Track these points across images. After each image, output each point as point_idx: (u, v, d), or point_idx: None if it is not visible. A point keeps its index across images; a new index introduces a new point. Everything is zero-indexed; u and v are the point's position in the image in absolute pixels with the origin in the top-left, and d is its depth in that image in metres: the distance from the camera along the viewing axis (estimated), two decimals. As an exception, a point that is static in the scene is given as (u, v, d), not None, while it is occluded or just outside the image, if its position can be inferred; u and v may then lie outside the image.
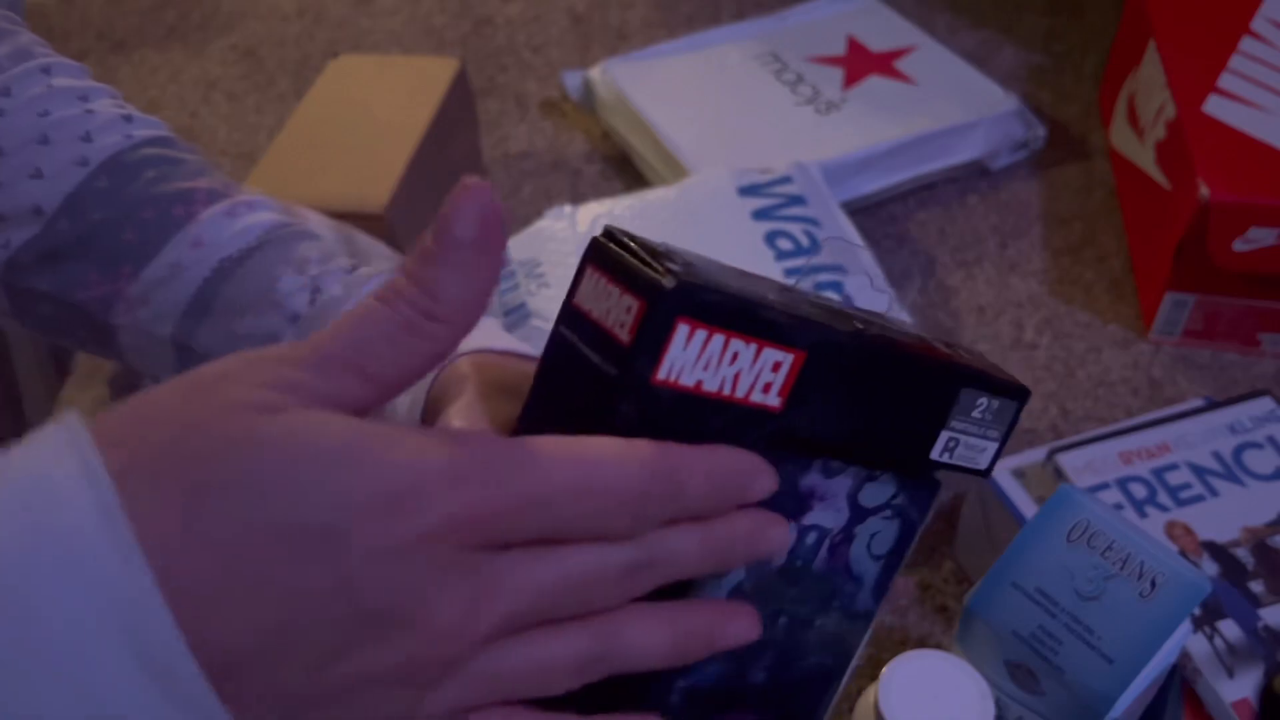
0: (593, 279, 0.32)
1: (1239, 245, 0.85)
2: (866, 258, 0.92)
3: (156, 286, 0.43)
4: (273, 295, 0.42)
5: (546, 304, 0.85)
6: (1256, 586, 0.65)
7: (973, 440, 0.38)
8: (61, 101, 0.43)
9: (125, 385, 0.54)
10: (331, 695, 0.24)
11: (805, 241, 0.90)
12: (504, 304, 0.88)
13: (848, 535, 0.36)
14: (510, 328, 0.86)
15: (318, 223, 0.53)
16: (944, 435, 0.37)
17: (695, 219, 0.91)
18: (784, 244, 0.89)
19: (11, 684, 0.22)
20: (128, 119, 0.45)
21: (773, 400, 0.32)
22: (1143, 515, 0.68)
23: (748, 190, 0.93)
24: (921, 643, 0.73)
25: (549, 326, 0.91)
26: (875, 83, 1.11)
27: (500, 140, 1.17)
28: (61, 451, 0.23)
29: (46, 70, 0.44)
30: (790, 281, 0.88)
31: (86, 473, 0.23)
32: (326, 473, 0.23)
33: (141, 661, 0.22)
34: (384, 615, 0.24)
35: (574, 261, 0.89)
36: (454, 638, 0.25)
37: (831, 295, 0.86)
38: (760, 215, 0.91)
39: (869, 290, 0.88)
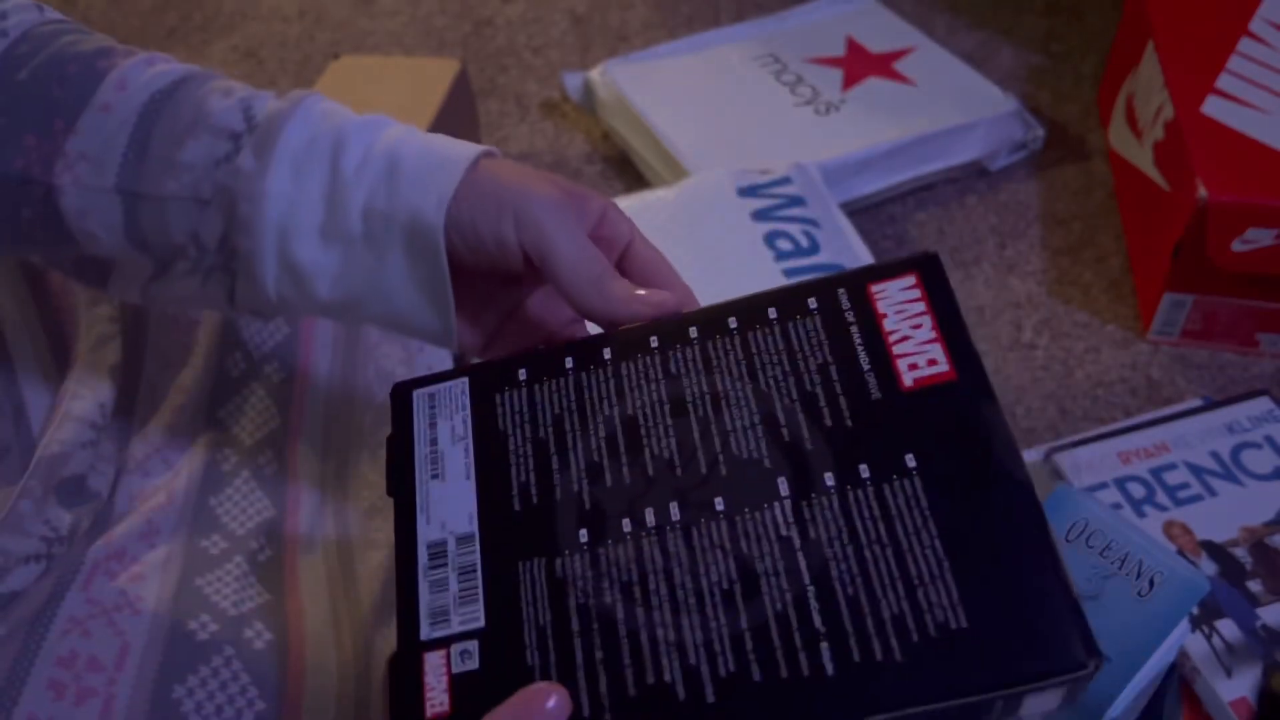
0: None
1: (1237, 245, 0.85)
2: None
3: (92, 135, 0.43)
4: (205, 119, 0.43)
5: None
6: (1255, 586, 0.65)
7: None
8: None
9: (126, 377, 0.54)
10: None
11: (805, 242, 0.90)
12: None
13: None
14: None
15: None
16: None
17: (695, 219, 0.91)
18: (783, 244, 0.89)
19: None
20: (40, 7, 0.47)
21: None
22: (1141, 515, 0.68)
23: (747, 191, 0.94)
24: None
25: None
26: (874, 84, 1.11)
27: (501, 141, 1.17)
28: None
29: None
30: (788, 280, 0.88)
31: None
32: None
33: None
34: None
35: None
36: None
37: None
38: (760, 216, 0.92)
39: None
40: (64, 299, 0.54)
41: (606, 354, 0.44)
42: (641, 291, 0.44)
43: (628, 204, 0.93)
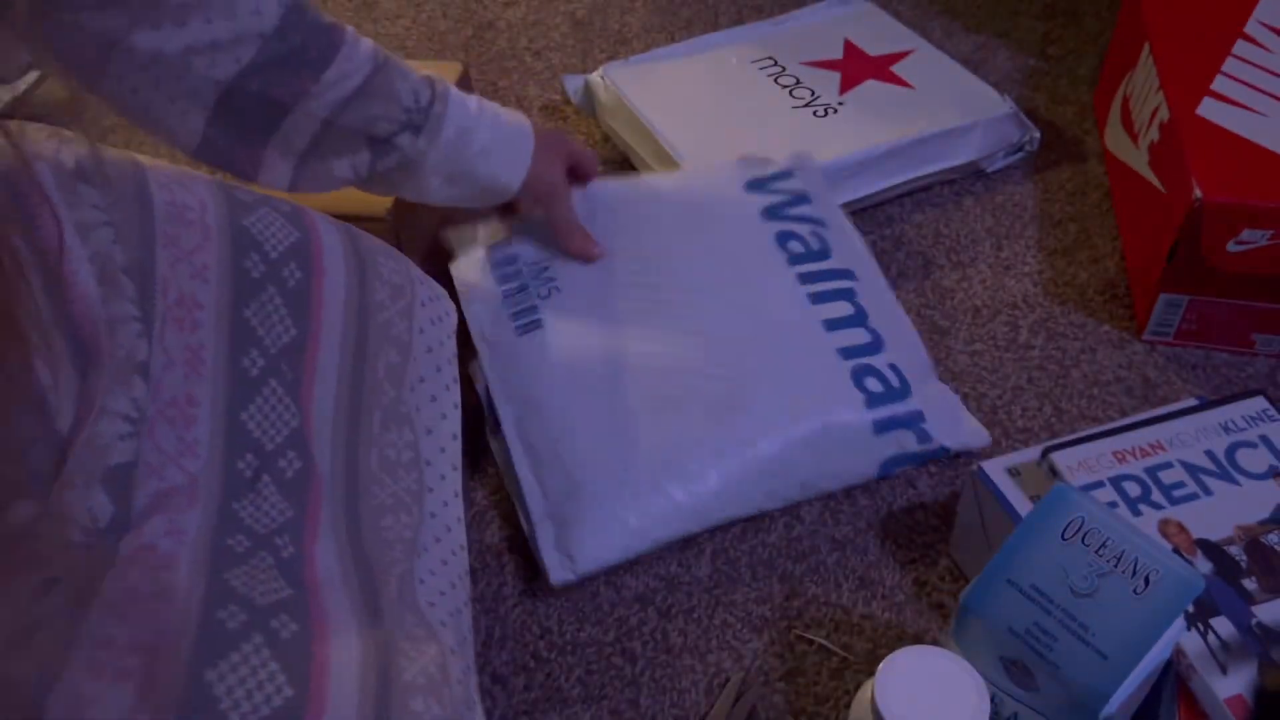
0: None
1: (1232, 246, 0.86)
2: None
3: (329, 87, 0.66)
4: (393, 96, 0.69)
5: (557, 314, 0.84)
6: (1250, 584, 0.66)
7: None
8: None
9: (139, 368, 0.55)
10: None
11: (815, 245, 0.89)
12: (511, 305, 0.86)
13: None
14: (522, 332, 0.84)
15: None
16: None
17: (703, 215, 0.91)
18: (795, 247, 0.89)
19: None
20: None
21: None
22: (1136, 513, 0.69)
23: (754, 186, 0.93)
24: (918, 639, 0.74)
25: (560, 339, 0.91)
26: (872, 86, 1.12)
27: (501, 143, 1.17)
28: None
29: None
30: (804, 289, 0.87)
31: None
32: None
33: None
34: None
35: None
36: None
37: (845, 305, 0.86)
38: (770, 214, 0.91)
39: (880, 292, 0.88)
40: (81, 297, 0.55)
41: None
42: (594, 247, 0.87)
43: (627, 182, 0.93)
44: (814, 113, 1.09)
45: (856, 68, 1.15)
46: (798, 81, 1.13)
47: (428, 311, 0.68)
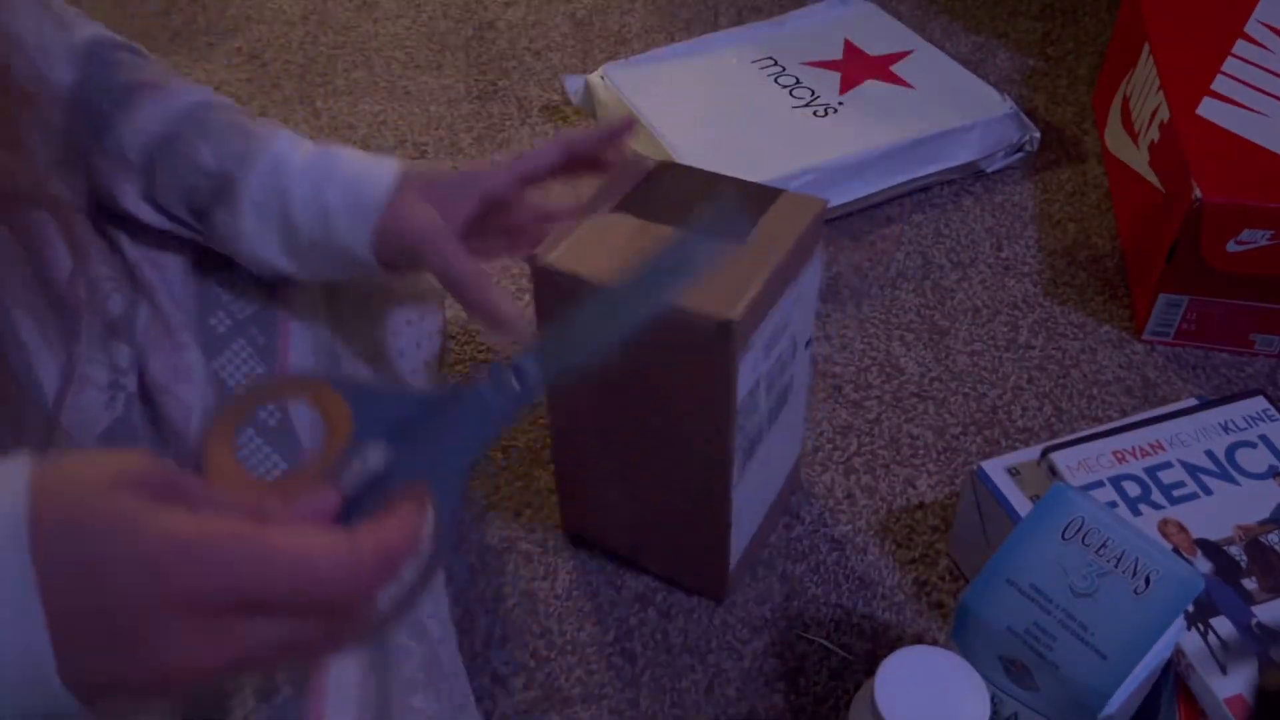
0: None
1: (1232, 247, 0.86)
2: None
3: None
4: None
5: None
6: (1249, 583, 0.66)
7: None
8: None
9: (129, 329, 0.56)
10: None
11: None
12: None
13: None
14: None
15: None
16: None
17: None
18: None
19: None
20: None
21: None
22: (1136, 513, 0.69)
23: None
24: (918, 639, 0.74)
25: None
26: (872, 87, 1.12)
27: (503, 144, 1.17)
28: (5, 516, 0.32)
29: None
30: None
31: (19, 544, 0.31)
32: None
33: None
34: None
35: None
36: None
37: None
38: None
39: None
40: (54, 259, 0.56)
41: None
42: (502, 305, 0.58)
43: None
44: (814, 113, 1.09)
45: (856, 68, 1.15)
46: (798, 82, 1.13)
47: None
